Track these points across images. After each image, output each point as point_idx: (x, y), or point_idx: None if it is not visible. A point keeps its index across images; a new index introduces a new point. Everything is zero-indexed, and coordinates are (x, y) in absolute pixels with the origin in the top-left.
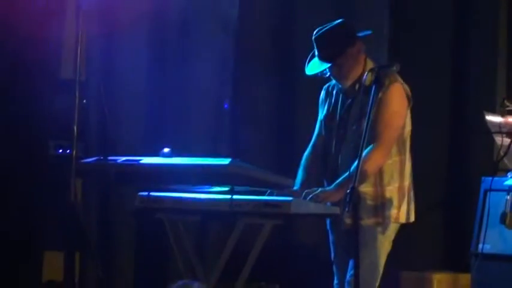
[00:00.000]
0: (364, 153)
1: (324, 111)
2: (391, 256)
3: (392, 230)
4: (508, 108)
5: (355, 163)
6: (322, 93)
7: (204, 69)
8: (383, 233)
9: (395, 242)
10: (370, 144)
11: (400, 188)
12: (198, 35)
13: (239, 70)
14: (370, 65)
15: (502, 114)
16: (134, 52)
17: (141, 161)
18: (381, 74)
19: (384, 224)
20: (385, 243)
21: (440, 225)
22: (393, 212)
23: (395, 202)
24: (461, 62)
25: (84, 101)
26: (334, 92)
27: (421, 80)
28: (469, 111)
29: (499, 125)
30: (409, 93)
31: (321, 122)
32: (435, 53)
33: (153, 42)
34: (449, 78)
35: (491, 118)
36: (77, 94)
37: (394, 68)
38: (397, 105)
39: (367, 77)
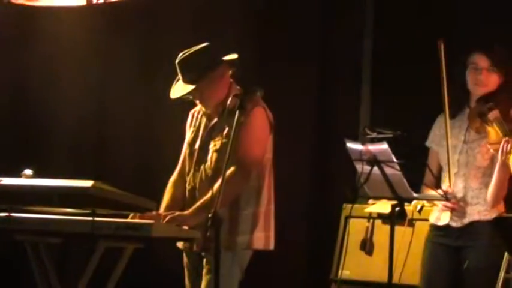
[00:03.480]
0: (224, 177)
1: (188, 135)
2: (246, 285)
3: (244, 257)
4: (369, 136)
5: (216, 186)
6: (189, 117)
7: None
8: (233, 259)
9: (252, 270)
10: (230, 168)
11: (255, 214)
12: None
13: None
14: (235, 89)
15: (363, 142)
16: None
17: (1, 182)
18: (245, 99)
19: (234, 250)
20: (235, 271)
21: (301, 251)
22: (246, 238)
23: (248, 228)
24: (326, 90)
25: None
26: (200, 115)
27: (286, 106)
28: (332, 138)
29: (360, 152)
30: (272, 119)
31: (186, 146)
32: (301, 81)
33: None
34: (314, 106)
35: (352, 146)
36: None
37: (258, 93)
38: (259, 130)
39: (231, 101)
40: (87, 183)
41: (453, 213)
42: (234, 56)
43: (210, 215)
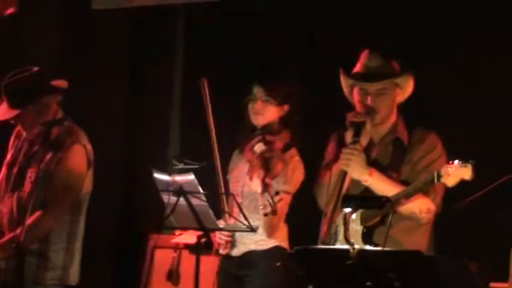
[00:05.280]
0: (37, 211)
1: (9, 155)
2: None
3: None
4: (176, 167)
5: (28, 221)
6: (13, 135)
7: None
8: None
9: None
10: (44, 203)
11: (69, 249)
12: None
13: None
14: (60, 118)
15: (170, 173)
16: None
17: None
18: (64, 132)
19: (45, 285)
20: None
21: (108, 284)
22: (57, 273)
23: (60, 263)
24: (134, 119)
25: None
26: (23, 137)
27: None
28: (139, 168)
29: (167, 183)
30: (91, 156)
31: (4, 166)
32: (109, 109)
33: None
34: (123, 135)
35: (159, 176)
36: None
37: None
38: (76, 166)
39: (53, 132)
40: None
41: (230, 243)
42: (63, 82)
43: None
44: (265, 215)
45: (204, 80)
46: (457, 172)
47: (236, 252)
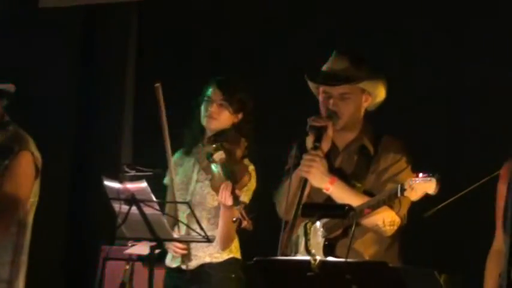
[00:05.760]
0: None
1: None
2: None
3: None
4: (128, 174)
5: None
6: None
7: None
8: None
9: None
10: None
11: (15, 263)
12: None
13: None
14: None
15: (121, 180)
16: None
17: None
18: (10, 138)
19: None
20: None
21: None
22: (2, 287)
23: (6, 277)
24: (84, 124)
25: None
26: None
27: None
28: (90, 176)
29: (118, 191)
30: (39, 163)
31: None
32: (56, 113)
33: None
34: (72, 141)
35: (109, 184)
36: None
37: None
38: (24, 174)
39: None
40: None
41: (184, 256)
42: (10, 86)
43: None
44: (239, 229)
45: (159, 86)
46: (420, 186)
47: (188, 265)
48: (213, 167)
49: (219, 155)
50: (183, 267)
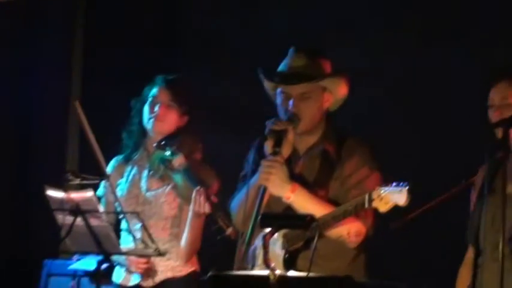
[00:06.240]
0: None
1: None
2: None
3: None
4: (72, 183)
5: None
6: None
7: None
8: None
9: None
10: None
11: None
12: None
13: None
14: None
15: (65, 190)
16: None
17: None
18: None
19: None
20: None
21: None
22: None
23: None
24: (25, 129)
25: None
26: None
27: None
28: (32, 186)
29: (61, 201)
30: None
31: None
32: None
33: None
34: (16, 149)
35: (52, 193)
36: None
37: None
38: None
39: None
40: None
41: (147, 272)
42: None
43: None
44: (221, 237)
45: (77, 104)
46: (390, 196)
47: (149, 282)
48: (174, 175)
49: (179, 160)
50: (144, 284)
